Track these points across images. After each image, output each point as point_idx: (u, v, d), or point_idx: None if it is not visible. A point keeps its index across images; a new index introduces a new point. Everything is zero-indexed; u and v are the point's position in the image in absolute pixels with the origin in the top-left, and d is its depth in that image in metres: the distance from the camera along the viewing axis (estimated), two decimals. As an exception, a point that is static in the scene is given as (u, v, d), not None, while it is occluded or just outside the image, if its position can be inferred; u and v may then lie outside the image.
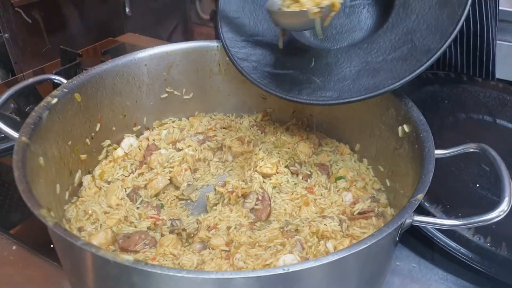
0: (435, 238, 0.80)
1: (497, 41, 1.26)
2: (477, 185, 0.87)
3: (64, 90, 0.81)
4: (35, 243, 0.85)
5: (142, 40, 1.87)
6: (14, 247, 0.85)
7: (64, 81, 0.85)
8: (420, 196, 0.59)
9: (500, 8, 1.22)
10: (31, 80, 0.86)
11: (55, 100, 0.77)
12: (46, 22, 1.96)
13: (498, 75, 1.28)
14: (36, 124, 0.71)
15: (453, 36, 0.74)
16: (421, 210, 0.80)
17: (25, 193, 0.55)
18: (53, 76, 0.87)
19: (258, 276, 0.46)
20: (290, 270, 0.47)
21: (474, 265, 0.76)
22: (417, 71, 0.75)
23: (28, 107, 1.27)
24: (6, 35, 1.82)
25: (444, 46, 0.74)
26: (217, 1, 0.96)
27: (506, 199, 0.60)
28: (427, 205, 0.82)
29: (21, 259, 0.83)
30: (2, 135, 1.15)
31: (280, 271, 0.46)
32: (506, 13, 1.67)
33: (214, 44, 1.01)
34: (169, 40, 1.74)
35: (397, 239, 0.63)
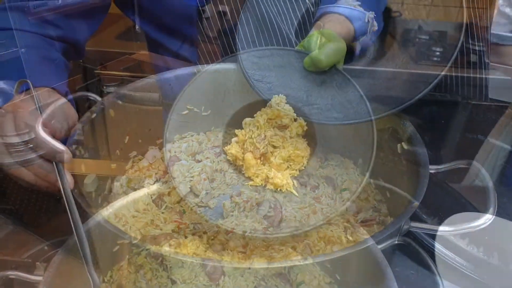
0: (433, 247, 0.87)
1: (495, 64, 1.36)
2: (470, 200, 0.95)
3: (101, 106, 0.91)
4: (63, 242, 0.92)
5: (152, 58, 1.97)
6: (45, 248, 0.93)
7: (99, 98, 0.95)
8: (416, 204, 0.67)
9: (494, 32, 1.32)
10: (69, 97, 0.96)
11: (94, 115, 0.87)
12: (62, 39, 2.05)
13: (493, 96, 1.37)
14: (80, 136, 0.81)
15: (448, 66, 0.84)
16: (420, 221, 0.88)
17: (79, 196, 0.64)
18: (89, 94, 0.97)
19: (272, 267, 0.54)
20: (302, 263, 0.55)
21: (468, 273, 0.83)
22: (415, 97, 0.84)
23: (53, 120, 1.36)
24: (23, 50, 1.91)
25: (440, 75, 0.84)
26: (237, 28, 1.07)
27: (491, 209, 0.68)
28: (425, 217, 0.90)
29: (49, 258, 0.91)
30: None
31: (297, 263, 0.54)
32: (502, 37, 1.78)
33: (231, 66, 1.11)
34: (176, 57, 1.84)
35: (396, 242, 0.71)
